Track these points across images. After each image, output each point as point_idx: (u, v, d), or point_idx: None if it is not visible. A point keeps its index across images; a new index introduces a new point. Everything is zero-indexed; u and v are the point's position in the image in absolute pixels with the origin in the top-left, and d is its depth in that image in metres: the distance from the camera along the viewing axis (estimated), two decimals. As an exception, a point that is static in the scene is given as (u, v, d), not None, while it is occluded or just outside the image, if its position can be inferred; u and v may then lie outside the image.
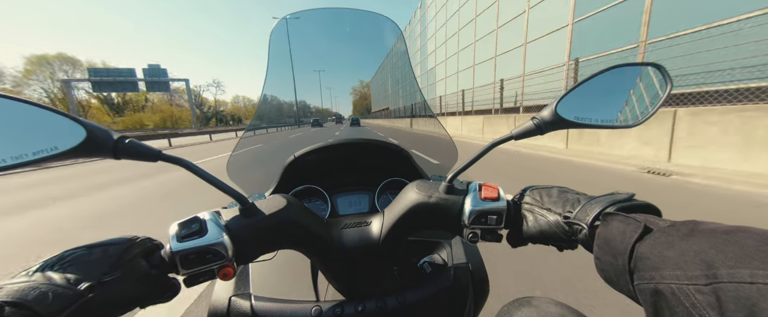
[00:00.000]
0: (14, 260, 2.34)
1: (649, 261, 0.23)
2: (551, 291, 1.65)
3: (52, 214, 3.63)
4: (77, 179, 6.18)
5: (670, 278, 0.21)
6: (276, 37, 0.85)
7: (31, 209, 3.84)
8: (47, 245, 2.65)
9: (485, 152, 0.41)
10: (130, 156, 0.31)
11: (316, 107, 2.73)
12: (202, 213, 0.36)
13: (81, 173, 6.91)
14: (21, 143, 0.27)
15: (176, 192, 4.56)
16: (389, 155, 0.76)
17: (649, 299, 0.23)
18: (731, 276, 0.18)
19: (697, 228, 0.23)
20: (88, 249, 0.31)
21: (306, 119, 2.89)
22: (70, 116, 0.29)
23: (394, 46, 1.10)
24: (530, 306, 0.47)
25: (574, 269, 1.81)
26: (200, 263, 0.33)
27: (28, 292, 0.24)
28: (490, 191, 0.40)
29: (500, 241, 0.40)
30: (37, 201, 4.27)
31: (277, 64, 0.87)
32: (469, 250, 0.60)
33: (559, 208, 0.35)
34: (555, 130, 0.38)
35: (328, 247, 0.44)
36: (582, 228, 0.31)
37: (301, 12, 0.86)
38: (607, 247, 0.27)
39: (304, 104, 2.07)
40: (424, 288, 0.50)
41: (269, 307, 0.47)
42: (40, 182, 5.90)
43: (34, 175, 6.82)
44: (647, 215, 0.28)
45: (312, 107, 2.48)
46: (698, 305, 0.19)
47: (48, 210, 3.80)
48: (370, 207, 0.75)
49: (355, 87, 1.97)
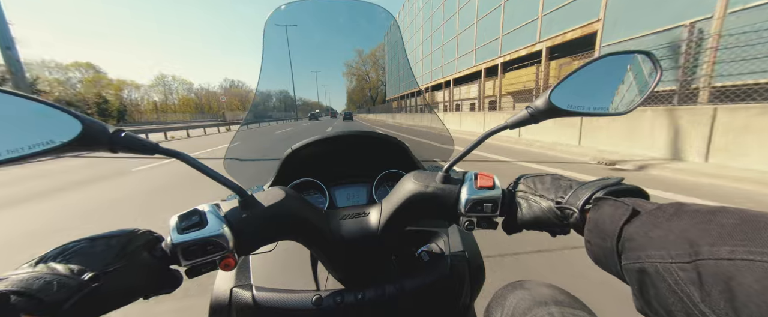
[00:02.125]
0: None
1: (636, 241, 0.24)
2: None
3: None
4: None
5: (654, 257, 0.22)
6: (270, 28, 0.84)
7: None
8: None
9: (480, 142, 0.42)
10: (126, 150, 0.31)
11: (310, 100, 2.71)
12: (202, 205, 0.37)
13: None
14: (17, 137, 0.27)
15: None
16: (386, 146, 0.76)
17: (635, 278, 0.24)
18: (712, 253, 0.19)
19: (681, 209, 0.24)
20: (91, 241, 0.31)
21: (299, 113, 2.90)
22: (65, 109, 0.29)
23: (387, 35, 1.09)
24: (523, 289, 0.49)
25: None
26: (201, 254, 0.34)
27: (32, 282, 0.24)
28: (486, 179, 0.41)
29: (495, 228, 0.41)
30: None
31: (271, 57, 0.86)
32: (465, 238, 0.62)
33: (552, 194, 0.36)
34: (549, 118, 0.39)
35: (328, 237, 0.44)
36: (573, 213, 0.32)
37: (294, 2, 0.85)
38: (597, 230, 0.28)
39: (299, 98, 2.06)
40: (422, 276, 0.51)
41: (270, 297, 0.48)
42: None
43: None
44: (636, 198, 0.29)
45: (301, 101, 2.46)
46: (680, 281, 0.20)
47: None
48: (368, 199, 0.76)
49: (349, 78, 1.95)
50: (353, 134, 0.73)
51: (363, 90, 8.79)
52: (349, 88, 4.38)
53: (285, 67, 1.10)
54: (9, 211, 3.57)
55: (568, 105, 0.37)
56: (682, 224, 0.22)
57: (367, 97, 11.75)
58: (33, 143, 0.27)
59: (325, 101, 2.86)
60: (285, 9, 0.85)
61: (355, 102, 5.51)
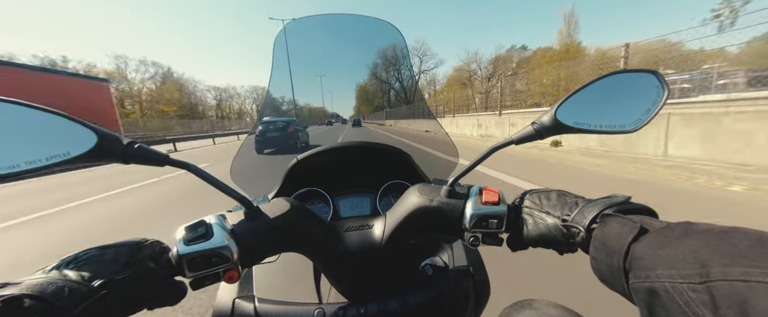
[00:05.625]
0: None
1: (644, 260, 0.24)
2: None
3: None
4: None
5: (664, 277, 0.21)
6: (280, 42, 0.86)
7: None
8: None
9: (485, 157, 0.42)
10: (138, 161, 0.32)
11: (319, 108, 2.77)
12: (208, 217, 0.37)
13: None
14: (35, 148, 0.28)
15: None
16: (391, 157, 0.77)
17: (643, 298, 0.23)
18: (724, 274, 0.18)
19: (691, 229, 0.23)
20: (101, 250, 0.32)
21: (313, 121, 3.10)
22: (82, 122, 0.30)
23: (394, 49, 1.11)
24: (531, 308, 0.48)
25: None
26: (206, 266, 0.34)
27: (46, 287, 0.25)
28: (491, 195, 0.40)
29: (501, 245, 0.40)
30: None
31: (280, 68, 0.88)
32: (470, 253, 0.61)
33: (558, 211, 0.36)
34: (554, 134, 0.39)
35: (331, 250, 0.44)
36: (579, 231, 0.32)
37: (304, 18, 0.88)
38: (604, 247, 0.28)
39: (307, 106, 2.10)
40: (425, 290, 0.50)
41: (272, 309, 0.48)
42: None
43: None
44: (643, 216, 0.29)
45: (309, 110, 2.51)
46: (691, 303, 0.19)
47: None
48: (371, 210, 0.76)
49: (358, 87, 2.01)
50: (357, 145, 0.74)
51: (369, 102, 8.90)
52: (356, 102, 4.68)
53: (294, 81, 1.12)
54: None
55: (574, 122, 0.37)
56: (693, 243, 0.22)
57: (385, 101, 11.79)
58: (50, 155, 0.28)
59: (334, 109, 3.02)
60: (294, 24, 0.88)
61: (363, 110, 5.69)
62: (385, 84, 2.30)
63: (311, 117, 2.80)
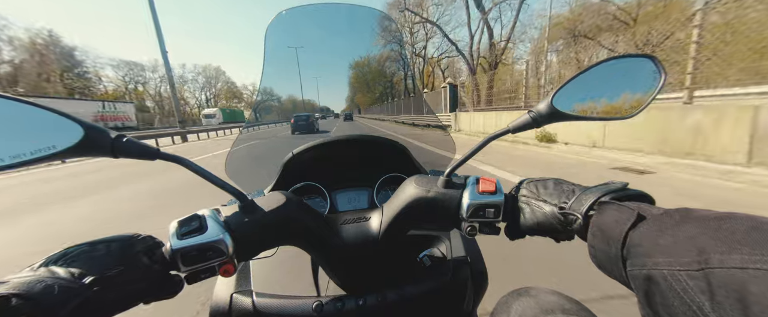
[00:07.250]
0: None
1: (642, 247, 0.24)
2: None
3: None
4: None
5: (662, 264, 0.22)
6: (271, 33, 0.84)
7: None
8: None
9: (482, 146, 0.41)
10: (128, 155, 0.31)
11: (312, 103, 2.77)
12: (202, 210, 0.36)
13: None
14: (19, 142, 0.27)
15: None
16: (387, 150, 0.76)
17: (641, 285, 0.23)
18: (722, 261, 0.18)
19: (688, 215, 0.23)
20: (91, 246, 0.31)
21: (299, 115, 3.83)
22: (67, 115, 0.29)
23: (389, 39, 1.09)
24: (529, 296, 0.48)
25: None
26: (201, 260, 0.34)
27: (34, 285, 0.24)
28: (488, 184, 0.40)
29: (498, 234, 0.41)
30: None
31: (272, 61, 0.87)
32: (467, 243, 0.61)
33: (555, 199, 0.36)
34: (551, 122, 0.38)
35: (328, 243, 0.44)
36: (577, 218, 0.32)
37: (296, 7, 0.86)
38: (601, 235, 0.28)
39: (300, 100, 2.09)
40: (423, 281, 0.51)
41: (271, 303, 0.48)
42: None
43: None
44: (640, 203, 0.28)
45: (302, 104, 2.54)
46: (689, 290, 0.19)
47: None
48: (369, 203, 0.76)
49: (350, 79, 2.00)
50: (354, 138, 0.73)
51: (361, 94, 8.54)
52: (349, 94, 4.94)
53: (286, 72, 1.11)
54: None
55: (570, 109, 0.37)
56: (690, 230, 0.22)
57: (380, 94, 10.95)
58: (35, 149, 0.28)
59: (326, 103, 3.19)
60: (286, 14, 0.86)
61: (356, 104, 5.96)
62: (380, 76, 2.29)
63: (295, 110, 3.34)
